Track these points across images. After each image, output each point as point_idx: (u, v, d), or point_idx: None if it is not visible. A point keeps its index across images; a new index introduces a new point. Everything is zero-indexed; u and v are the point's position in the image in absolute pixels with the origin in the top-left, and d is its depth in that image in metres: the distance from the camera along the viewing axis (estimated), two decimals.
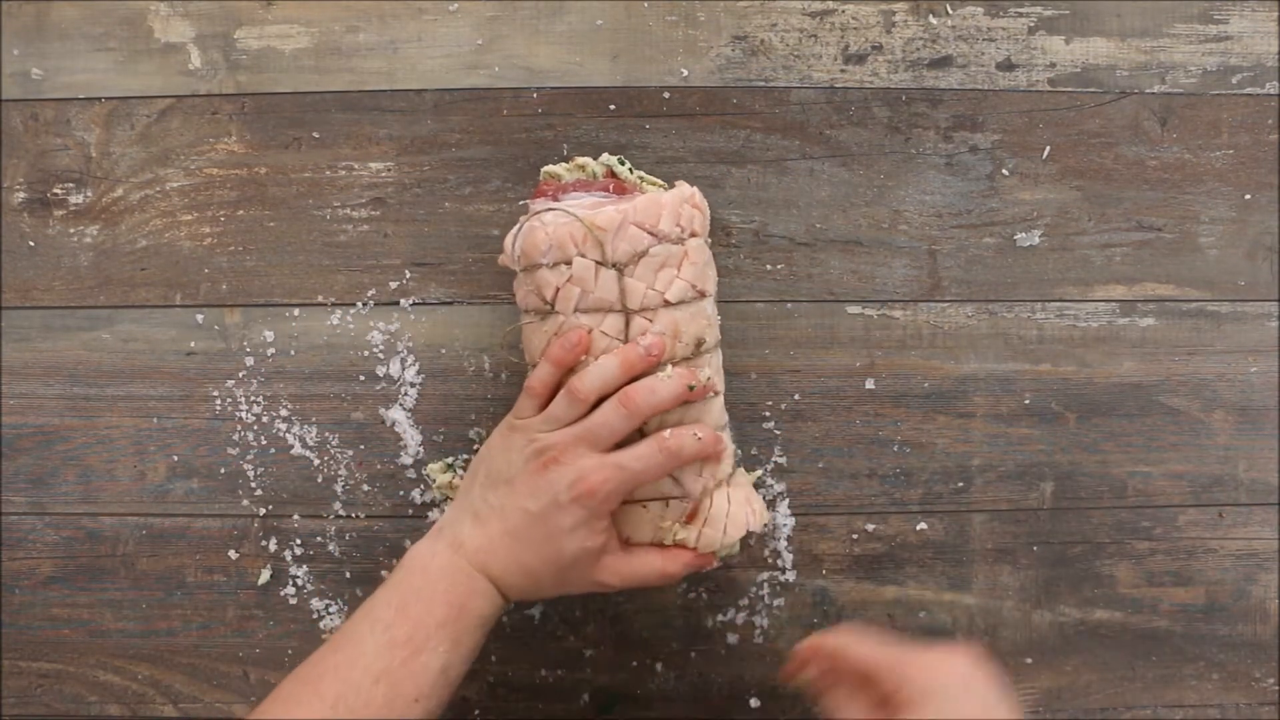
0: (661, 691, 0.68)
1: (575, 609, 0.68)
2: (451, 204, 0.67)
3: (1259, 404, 0.68)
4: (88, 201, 0.68)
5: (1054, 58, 0.68)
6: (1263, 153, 0.68)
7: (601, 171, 0.63)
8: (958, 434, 0.68)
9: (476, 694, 0.68)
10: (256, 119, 0.67)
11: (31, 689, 0.68)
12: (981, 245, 0.68)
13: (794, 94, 0.67)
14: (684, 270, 0.59)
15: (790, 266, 0.68)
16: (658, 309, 0.58)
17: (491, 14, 0.67)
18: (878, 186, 0.68)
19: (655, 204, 0.59)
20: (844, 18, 0.67)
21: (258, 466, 0.68)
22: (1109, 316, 0.68)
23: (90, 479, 0.68)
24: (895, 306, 0.68)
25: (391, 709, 0.53)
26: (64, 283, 0.68)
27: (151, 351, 0.68)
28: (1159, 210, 0.68)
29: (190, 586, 0.68)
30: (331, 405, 0.67)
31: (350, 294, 0.68)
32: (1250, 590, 0.69)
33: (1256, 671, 0.69)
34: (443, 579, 0.56)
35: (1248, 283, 0.68)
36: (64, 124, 0.68)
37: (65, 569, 0.68)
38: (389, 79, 0.67)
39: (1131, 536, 0.68)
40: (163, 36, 0.68)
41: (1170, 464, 0.68)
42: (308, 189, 0.67)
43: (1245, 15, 0.68)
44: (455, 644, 0.55)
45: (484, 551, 0.57)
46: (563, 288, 0.58)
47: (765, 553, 0.68)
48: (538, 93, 0.67)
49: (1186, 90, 0.68)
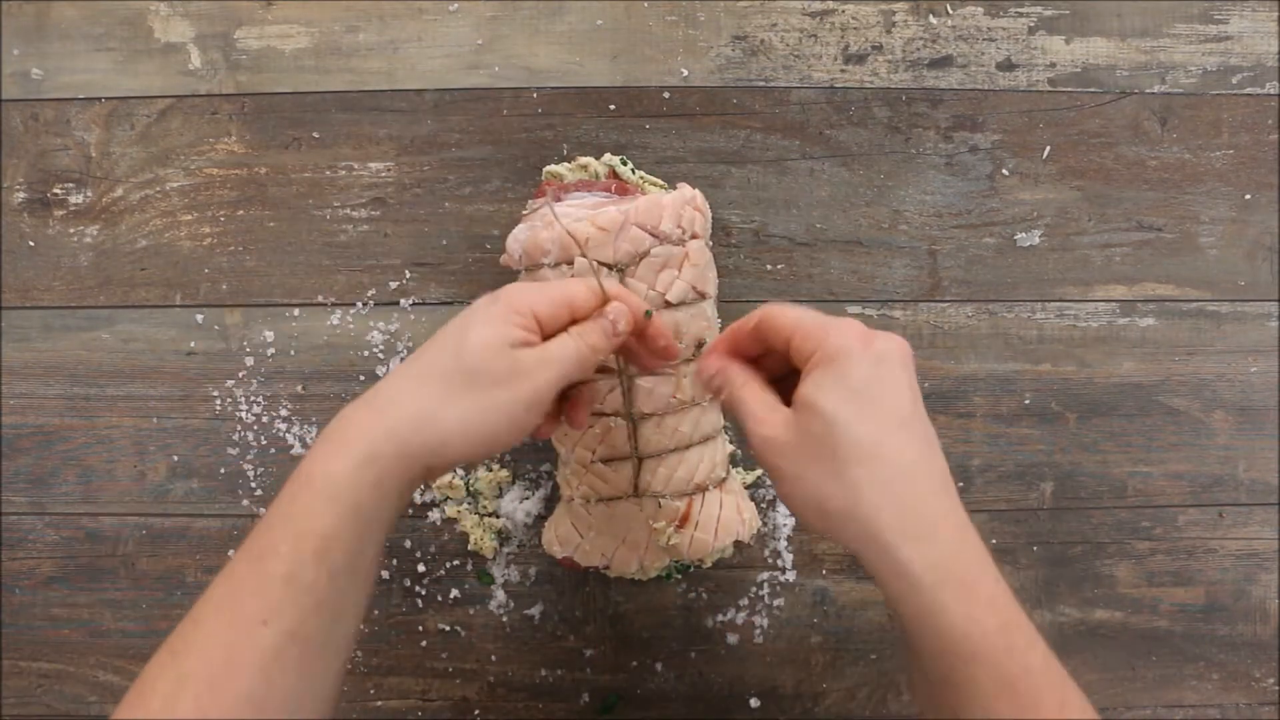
0: (661, 691, 0.68)
1: (575, 609, 0.68)
2: (451, 204, 0.67)
3: (1259, 404, 0.68)
4: (88, 201, 0.68)
5: (1054, 58, 0.68)
6: (1263, 153, 0.68)
7: (604, 172, 0.63)
8: (958, 434, 0.68)
9: (476, 694, 0.68)
10: (256, 119, 0.67)
11: (31, 689, 0.68)
12: (981, 245, 0.68)
13: (794, 94, 0.67)
14: (685, 272, 0.59)
15: (790, 266, 0.68)
16: (659, 310, 0.58)
17: (491, 14, 0.67)
18: (878, 186, 0.68)
19: (657, 205, 0.59)
20: (844, 18, 0.67)
21: (258, 466, 0.68)
22: (1109, 316, 0.68)
23: (90, 479, 0.68)
24: (895, 306, 0.68)
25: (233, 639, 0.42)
26: (64, 283, 0.68)
27: (151, 351, 0.68)
28: (1159, 210, 0.68)
29: (190, 586, 0.68)
30: (331, 405, 0.67)
31: (350, 294, 0.68)
32: (1250, 590, 0.69)
33: (1256, 671, 0.69)
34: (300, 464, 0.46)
35: (1248, 283, 0.68)
36: (64, 124, 0.68)
37: (65, 569, 0.68)
38: (389, 79, 0.67)
39: (1131, 536, 0.68)
40: (163, 36, 0.68)
41: (1170, 464, 0.68)
42: (308, 189, 0.67)
43: (1245, 15, 0.68)
44: (300, 536, 0.44)
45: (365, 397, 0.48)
46: None
47: (765, 553, 0.68)
48: (538, 93, 0.67)
49: (1186, 90, 0.68)
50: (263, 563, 0.44)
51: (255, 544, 0.45)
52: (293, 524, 0.45)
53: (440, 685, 0.68)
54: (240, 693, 0.42)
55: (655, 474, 0.61)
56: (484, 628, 0.68)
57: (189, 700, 0.41)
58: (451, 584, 0.68)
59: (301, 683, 0.43)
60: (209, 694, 0.41)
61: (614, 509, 0.62)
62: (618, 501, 0.62)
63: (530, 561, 0.68)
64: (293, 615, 0.43)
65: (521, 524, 0.67)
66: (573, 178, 0.62)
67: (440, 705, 0.68)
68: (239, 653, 0.42)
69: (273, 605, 0.43)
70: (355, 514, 0.45)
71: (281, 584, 0.43)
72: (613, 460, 0.61)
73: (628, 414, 0.60)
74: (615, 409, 0.60)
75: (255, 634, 0.42)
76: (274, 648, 0.43)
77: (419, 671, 0.68)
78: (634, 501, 0.61)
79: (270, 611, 0.43)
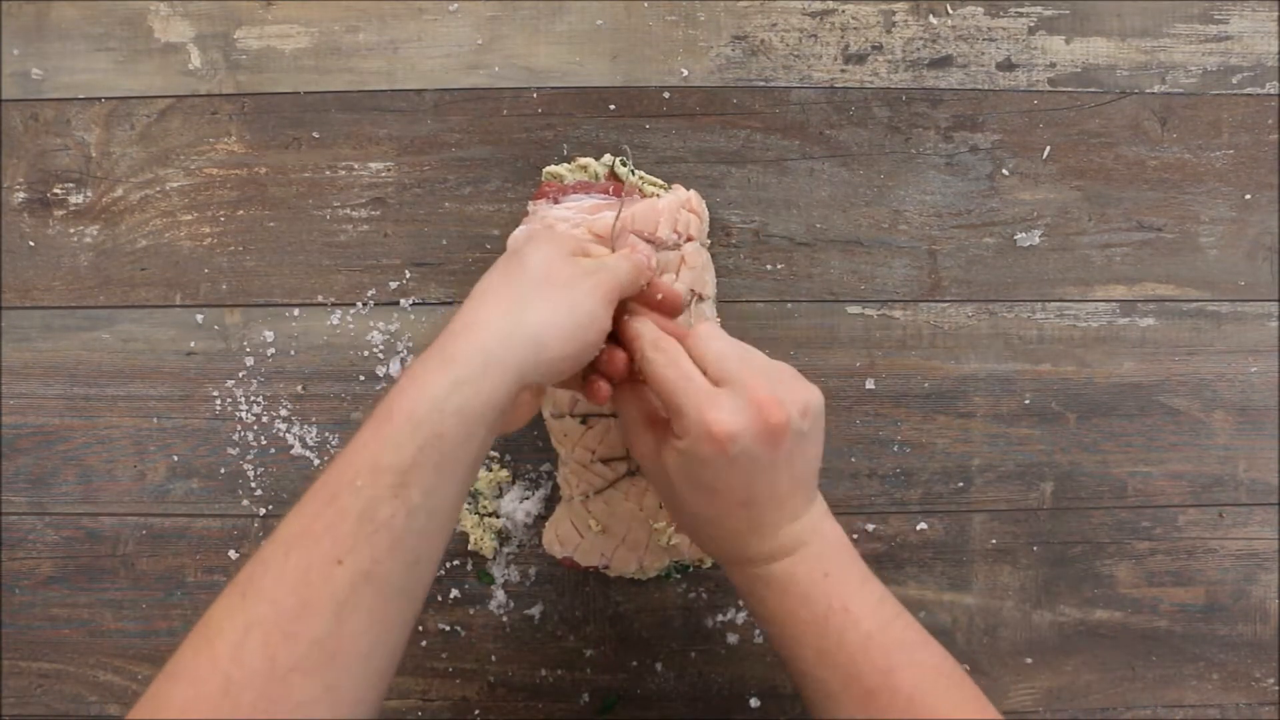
0: (661, 691, 0.68)
1: (575, 609, 0.68)
2: (451, 204, 0.67)
3: (1259, 404, 0.68)
4: (88, 201, 0.68)
5: (1054, 58, 0.68)
6: (1263, 153, 0.68)
7: (603, 172, 0.63)
8: (958, 434, 0.68)
9: (476, 694, 0.68)
10: (256, 119, 0.67)
11: (31, 689, 0.68)
12: (981, 245, 0.68)
13: (794, 94, 0.67)
14: (682, 275, 0.59)
15: (790, 266, 0.68)
16: None
17: (491, 14, 0.67)
18: (878, 186, 0.68)
19: (653, 211, 0.59)
20: (844, 18, 0.67)
21: (258, 466, 0.68)
22: (1109, 316, 0.68)
23: (90, 479, 0.68)
24: (895, 306, 0.68)
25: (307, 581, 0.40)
26: (64, 283, 0.68)
27: (151, 351, 0.68)
28: (1159, 210, 0.68)
29: (190, 586, 0.68)
30: (331, 405, 0.67)
31: (350, 294, 0.68)
32: (1250, 590, 0.69)
33: (1256, 671, 0.69)
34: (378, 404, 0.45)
35: (1248, 283, 0.68)
36: (64, 124, 0.68)
37: (65, 569, 0.68)
38: (389, 79, 0.67)
39: (1131, 536, 0.68)
40: (163, 36, 0.67)
41: (1170, 464, 0.68)
42: (308, 189, 0.67)
43: (1245, 15, 0.68)
44: (377, 470, 0.42)
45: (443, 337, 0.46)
46: None
47: None
48: (538, 93, 0.67)
49: (1186, 90, 0.68)
50: (337, 500, 0.42)
51: (329, 481, 0.43)
52: (369, 457, 0.42)
53: (440, 685, 0.68)
54: (312, 637, 0.40)
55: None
56: (484, 628, 0.68)
57: (257, 646, 0.39)
58: (451, 584, 0.68)
59: (374, 629, 0.41)
60: (280, 639, 0.39)
61: (614, 508, 0.62)
62: (618, 499, 0.62)
63: (530, 561, 0.68)
64: (368, 554, 0.41)
65: (521, 524, 0.67)
66: (572, 178, 0.62)
67: (440, 705, 0.68)
68: (312, 594, 0.40)
69: (346, 544, 0.41)
70: (438, 447, 0.43)
71: (356, 521, 0.41)
72: (612, 460, 0.61)
73: None
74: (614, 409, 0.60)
75: (329, 574, 0.40)
76: (348, 588, 0.40)
77: (419, 671, 0.68)
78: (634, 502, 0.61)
79: (344, 550, 0.41)
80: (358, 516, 0.41)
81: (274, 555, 0.42)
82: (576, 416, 0.61)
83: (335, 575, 0.40)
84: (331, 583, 0.40)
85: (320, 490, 0.43)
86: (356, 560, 0.41)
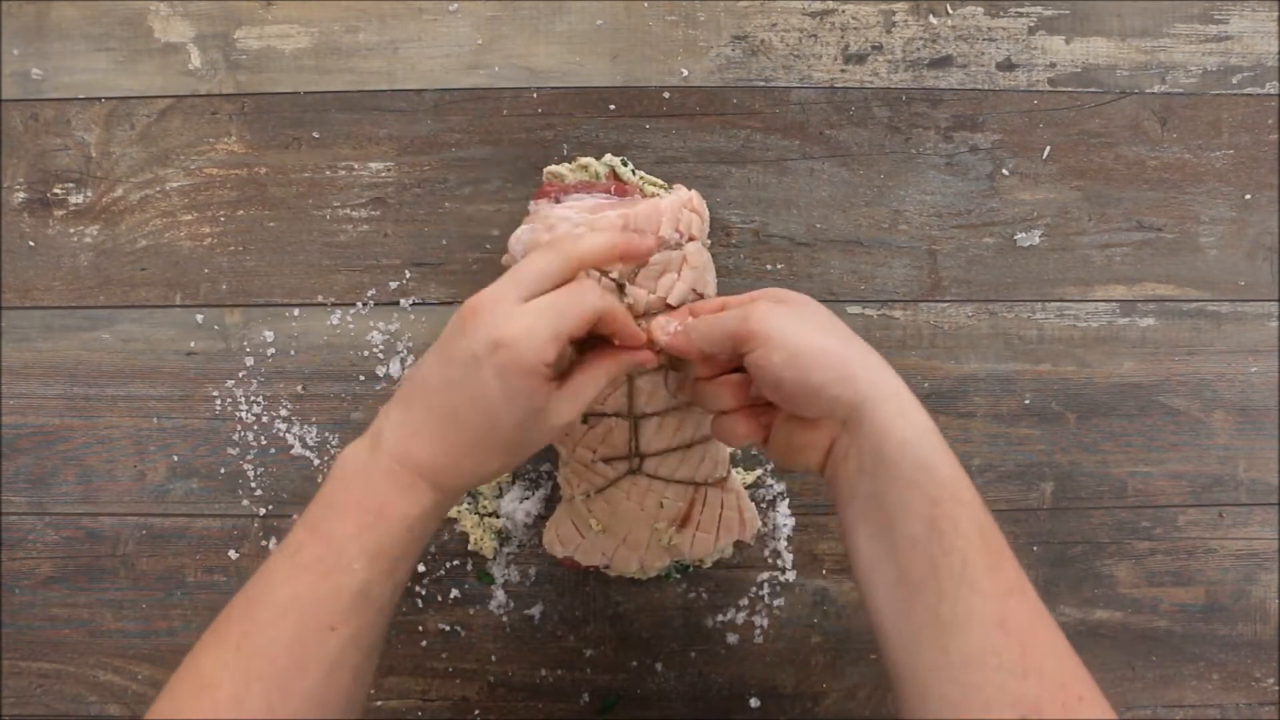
0: (661, 691, 0.68)
1: (575, 609, 0.68)
2: (451, 204, 0.67)
3: (1259, 404, 0.68)
4: (88, 201, 0.68)
5: (1054, 58, 0.68)
6: (1263, 153, 0.68)
7: (604, 172, 0.63)
8: (958, 434, 0.68)
9: (476, 694, 0.68)
10: (256, 119, 0.67)
11: (31, 689, 0.68)
12: (981, 245, 0.68)
13: (794, 94, 0.67)
14: (684, 275, 0.59)
15: (790, 266, 0.68)
16: (659, 313, 0.58)
17: (491, 14, 0.67)
18: (878, 186, 0.68)
19: (655, 211, 0.59)
20: (844, 18, 0.67)
21: (258, 466, 0.68)
22: (1109, 316, 0.68)
23: (90, 479, 0.68)
24: (895, 306, 0.68)
25: (303, 642, 0.46)
26: (64, 283, 0.68)
27: (151, 351, 0.68)
28: (1159, 210, 0.68)
29: (190, 586, 0.68)
30: (331, 405, 0.67)
31: (350, 294, 0.67)
32: (1250, 590, 0.69)
33: (1256, 671, 0.69)
34: (357, 482, 0.49)
35: (1248, 283, 0.68)
36: (64, 124, 0.68)
37: (65, 569, 0.68)
38: (389, 79, 0.67)
39: (1131, 536, 0.68)
40: (163, 36, 0.67)
41: (1170, 464, 0.68)
42: (308, 189, 0.67)
43: (1245, 15, 0.68)
44: (374, 557, 0.47)
45: (408, 439, 0.49)
46: None
47: (765, 553, 0.68)
48: (538, 93, 0.67)
49: (1186, 90, 0.68)
50: (334, 576, 0.47)
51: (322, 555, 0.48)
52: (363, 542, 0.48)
53: (440, 685, 0.68)
54: (306, 693, 0.46)
55: (656, 473, 0.61)
56: (484, 628, 0.68)
57: (258, 699, 0.45)
58: (451, 584, 0.68)
59: (355, 682, 0.48)
60: (279, 694, 0.45)
61: (615, 507, 0.62)
62: (618, 499, 0.62)
63: (530, 561, 0.68)
64: (357, 623, 0.47)
65: (521, 524, 0.67)
66: (573, 178, 0.62)
67: (440, 705, 0.68)
68: (307, 656, 0.46)
69: (341, 614, 0.47)
70: (421, 541, 0.50)
71: (352, 597, 0.47)
72: (613, 460, 0.61)
73: (628, 414, 0.60)
74: (616, 409, 0.60)
75: (324, 639, 0.46)
76: (339, 651, 0.47)
77: (419, 671, 0.68)
78: (634, 501, 0.61)
79: (339, 619, 0.47)
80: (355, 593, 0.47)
81: (268, 618, 0.47)
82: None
83: (329, 639, 0.47)
84: (325, 646, 0.46)
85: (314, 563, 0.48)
86: (348, 627, 0.47)
